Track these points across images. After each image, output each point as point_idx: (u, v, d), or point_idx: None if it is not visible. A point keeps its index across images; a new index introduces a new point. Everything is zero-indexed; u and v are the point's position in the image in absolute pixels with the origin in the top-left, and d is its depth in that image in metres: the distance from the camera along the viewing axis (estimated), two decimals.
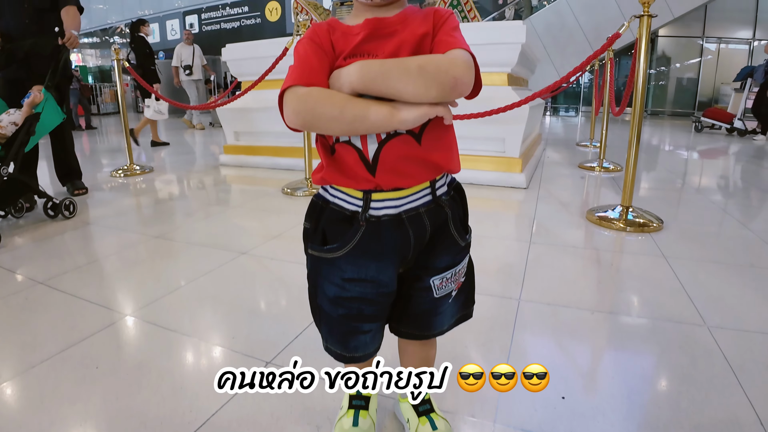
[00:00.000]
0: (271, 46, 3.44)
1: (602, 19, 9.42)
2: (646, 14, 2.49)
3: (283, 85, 0.66)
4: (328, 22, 0.72)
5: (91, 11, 19.53)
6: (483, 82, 1.95)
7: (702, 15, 11.49)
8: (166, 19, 17.36)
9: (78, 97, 10.82)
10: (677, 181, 3.59)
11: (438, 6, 2.90)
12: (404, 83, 0.59)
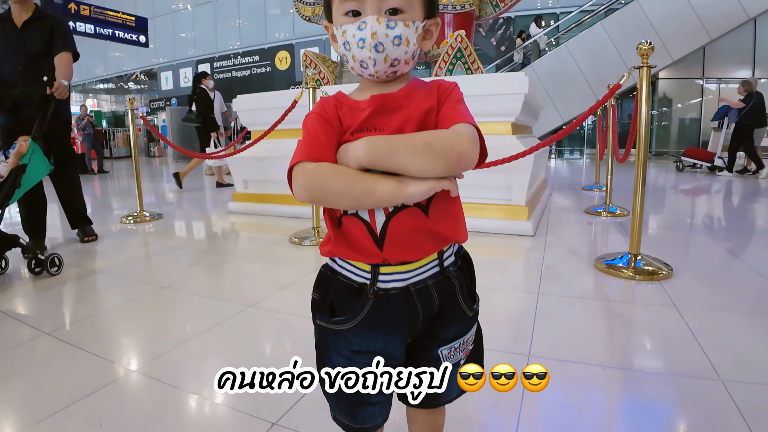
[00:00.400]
0: (281, 98, 3.55)
1: (602, 64, 9.66)
2: (645, 65, 2.56)
3: (292, 160, 0.68)
4: (335, 97, 0.75)
5: (108, 59, 20.34)
6: (488, 131, 2.02)
7: (701, 57, 11.76)
8: (179, 67, 18.02)
9: (92, 142, 11.10)
10: (683, 224, 3.58)
11: (443, 58, 2.99)
12: (410, 160, 0.61)
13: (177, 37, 18.33)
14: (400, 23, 0.67)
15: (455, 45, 3.15)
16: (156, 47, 17.69)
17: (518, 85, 2.86)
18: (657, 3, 9.56)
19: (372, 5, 0.67)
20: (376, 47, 0.67)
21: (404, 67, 0.71)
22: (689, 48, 9.70)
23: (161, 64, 18.62)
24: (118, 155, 20.13)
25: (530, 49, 10.75)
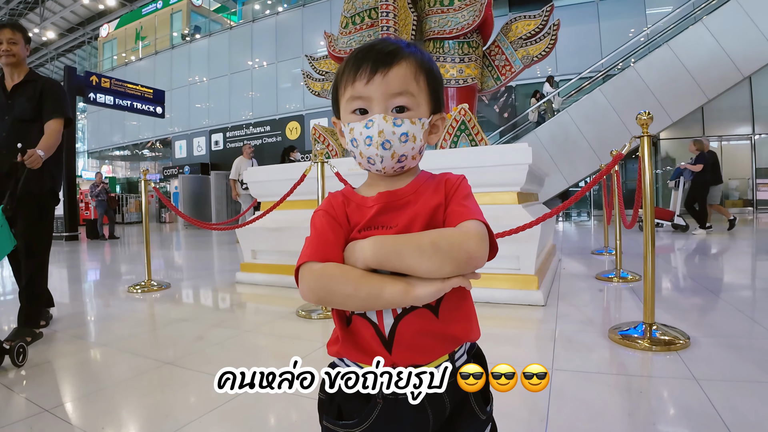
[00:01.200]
0: (290, 171, 3.65)
1: (603, 128, 9.90)
2: (646, 134, 2.61)
3: (299, 259, 0.68)
4: (343, 193, 0.76)
5: (125, 127, 21.20)
6: (493, 200, 2.03)
7: (700, 116, 12.02)
8: (193, 136, 18.71)
9: (105, 208, 11.32)
10: (695, 287, 3.51)
11: (447, 131, 3.07)
12: (418, 261, 0.61)
13: (192, 107, 19.18)
14: (407, 121, 0.69)
15: (459, 118, 3.26)
16: (172, 117, 18.46)
17: (522, 156, 2.92)
18: (652, 68, 9.93)
19: (379, 104, 0.69)
20: (383, 145, 0.69)
21: (411, 162, 0.73)
22: (687, 109, 9.96)
23: (176, 133, 19.35)
24: (130, 220, 20.49)
25: (545, 108, 11.04)
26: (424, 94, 0.72)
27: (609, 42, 12.28)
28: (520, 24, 3.91)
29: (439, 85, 0.76)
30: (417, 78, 0.71)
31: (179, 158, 19.09)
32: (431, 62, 0.75)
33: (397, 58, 0.70)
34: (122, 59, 22.70)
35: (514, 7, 13.60)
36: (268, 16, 17.88)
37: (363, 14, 3.88)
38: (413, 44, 0.75)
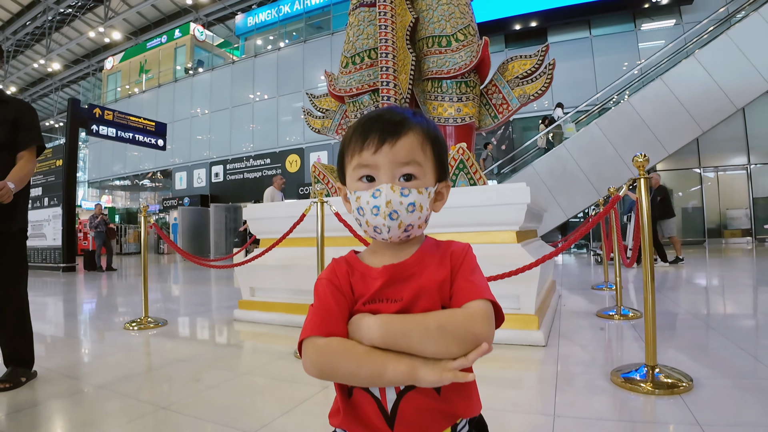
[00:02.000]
0: (290, 208, 3.67)
1: (600, 160, 10.00)
2: (643, 176, 2.64)
3: (302, 331, 0.68)
4: (347, 260, 0.76)
5: (127, 157, 21.38)
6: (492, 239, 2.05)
7: (695, 147, 12.16)
8: (193, 168, 18.87)
9: (103, 239, 11.30)
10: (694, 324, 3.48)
11: None
12: (425, 344, 0.62)
13: (193, 139, 19.41)
14: (414, 191, 0.70)
15: (457, 157, 3.29)
16: (173, 148, 18.65)
17: (520, 195, 2.94)
18: (647, 101, 10.11)
19: (386, 172, 0.70)
20: (391, 215, 0.69)
21: (417, 231, 0.73)
22: (682, 141, 10.10)
23: (176, 165, 19.52)
24: (128, 251, 20.44)
25: (554, 134, 11.15)
26: (430, 163, 0.73)
27: (603, 76, 12.54)
28: (516, 64, 4.00)
29: (444, 153, 0.77)
30: (424, 147, 0.72)
31: (179, 189, 19.20)
32: (436, 131, 0.77)
33: (405, 128, 0.71)
34: (126, 91, 23.08)
35: (510, 44, 13.96)
36: (270, 52, 18.31)
37: (363, 54, 3.98)
38: (419, 113, 0.77)
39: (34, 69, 30.08)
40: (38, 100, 35.93)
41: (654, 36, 12.98)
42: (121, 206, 25.01)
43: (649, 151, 8.97)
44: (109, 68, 24.81)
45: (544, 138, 11.26)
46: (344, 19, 16.05)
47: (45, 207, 12.00)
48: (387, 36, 3.64)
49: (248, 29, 20.61)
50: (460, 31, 3.80)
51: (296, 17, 18.91)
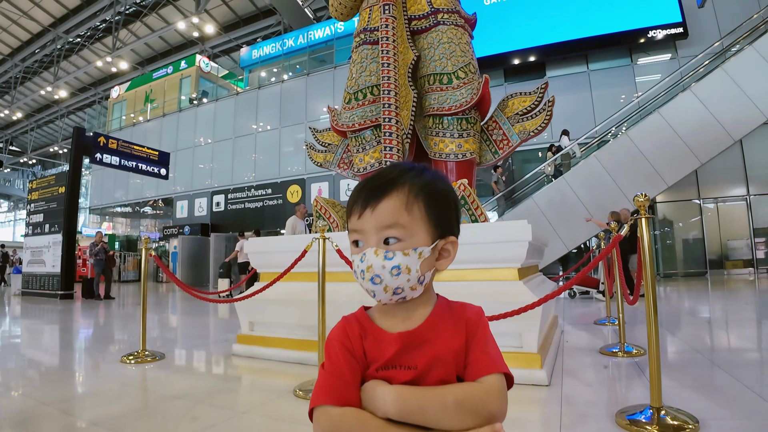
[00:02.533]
0: (291, 242, 3.67)
1: (600, 192, 10.04)
2: (644, 216, 2.65)
3: (314, 397, 0.67)
4: (358, 320, 0.74)
5: (129, 185, 21.47)
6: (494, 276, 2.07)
7: (694, 179, 12.22)
8: (195, 197, 18.95)
9: (102, 268, 11.26)
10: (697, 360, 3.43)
11: None
12: (441, 420, 0.62)
13: (196, 168, 19.57)
14: (399, 253, 0.69)
15: (459, 193, 3.31)
16: (175, 176, 18.76)
17: (522, 233, 2.94)
18: (645, 134, 10.22)
19: (371, 236, 0.70)
20: (373, 279, 0.69)
21: (412, 293, 0.71)
22: (681, 173, 10.17)
23: (178, 193, 19.61)
24: (127, 278, 20.34)
25: (561, 162, 11.23)
26: (420, 223, 0.71)
27: (601, 109, 12.71)
28: (516, 101, 4.06)
29: (444, 210, 0.75)
30: (410, 207, 0.71)
31: (180, 218, 19.24)
32: (434, 186, 0.74)
33: (387, 191, 0.71)
34: (130, 120, 23.38)
35: (510, 78, 14.20)
36: (274, 84, 18.65)
37: (365, 90, 4.05)
38: (416, 170, 0.76)
39: (41, 95, 30.56)
40: (44, 126, 36.40)
41: (650, 70, 13.22)
42: (121, 233, 24.99)
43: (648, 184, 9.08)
44: (115, 97, 25.21)
45: (552, 165, 11.33)
46: (346, 53, 16.42)
47: (46, 233, 12.01)
48: (389, 73, 3.71)
49: (253, 62, 21.03)
50: (460, 69, 3.88)
51: (300, 51, 19.31)
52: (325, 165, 4.59)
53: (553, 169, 11.24)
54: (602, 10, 12.62)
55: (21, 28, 24.70)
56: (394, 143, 3.65)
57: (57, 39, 24.85)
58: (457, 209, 0.78)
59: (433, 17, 4.01)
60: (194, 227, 17.80)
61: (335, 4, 4.42)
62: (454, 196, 0.78)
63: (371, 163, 4.02)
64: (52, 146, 36.87)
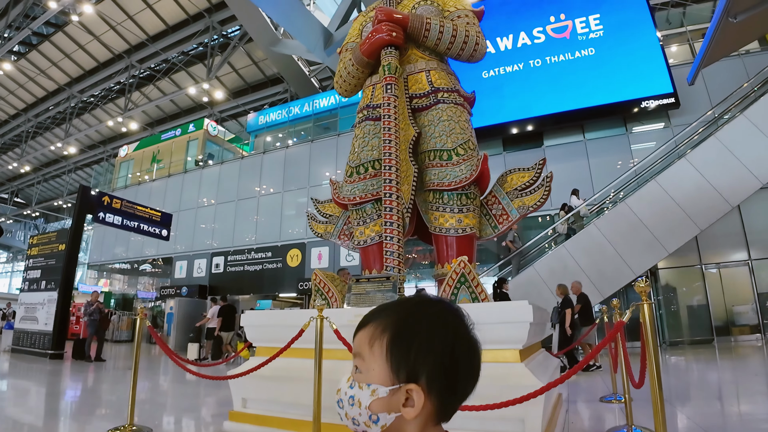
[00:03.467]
0: (288, 317, 3.62)
1: (601, 261, 10.02)
2: (646, 301, 2.62)
3: None
4: None
5: (130, 242, 21.46)
6: (494, 358, 2.05)
7: (695, 244, 12.18)
8: (195, 257, 18.91)
9: (96, 328, 11.05)
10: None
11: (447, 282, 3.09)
12: None
13: (197, 228, 19.67)
14: (356, 384, 0.70)
15: (459, 270, 3.31)
16: (176, 236, 18.80)
17: (523, 314, 2.90)
18: (643, 202, 10.33)
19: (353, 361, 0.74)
20: (338, 403, 0.71)
21: (369, 430, 0.68)
22: (681, 240, 10.19)
23: (178, 253, 19.57)
24: (120, 338, 19.89)
25: (574, 220, 11.24)
26: (378, 360, 0.70)
27: (599, 176, 12.94)
28: (515, 176, 4.14)
29: (407, 352, 0.69)
30: (371, 343, 0.71)
31: (178, 278, 19.08)
32: (401, 325, 0.71)
33: (367, 322, 0.75)
34: (136, 178, 23.79)
35: (508, 147, 14.57)
36: (278, 149, 19.16)
37: (367, 165, 4.14)
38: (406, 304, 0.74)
39: (50, 150, 31.32)
40: (50, 180, 37.01)
41: (645, 138, 13.58)
42: (118, 290, 24.73)
43: (649, 251, 9.07)
44: (122, 156, 25.79)
45: (564, 225, 11.38)
46: (350, 121, 16.98)
47: (41, 290, 11.89)
48: (391, 150, 3.81)
49: (259, 127, 21.71)
50: (460, 146, 3.98)
51: (305, 118, 19.98)
52: (325, 236, 4.61)
53: (566, 228, 11.28)
54: (596, 82, 13.14)
55: (37, 85, 25.74)
56: (394, 218, 3.68)
57: (71, 97, 25.81)
58: (432, 353, 0.69)
59: (433, 96, 4.17)
60: (192, 288, 17.60)
61: (340, 81, 4.61)
62: (429, 338, 0.70)
63: (371, 237, 4.04)
64: (57, 200, 37.32)
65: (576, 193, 11.52)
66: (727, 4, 5.39)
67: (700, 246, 12.36)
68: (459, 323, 0.72)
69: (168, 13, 20.64)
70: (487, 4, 8.38)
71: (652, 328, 2.53)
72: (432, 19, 4.15)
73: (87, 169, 34.98)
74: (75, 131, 28.34)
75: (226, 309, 11.35)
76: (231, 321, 11.27)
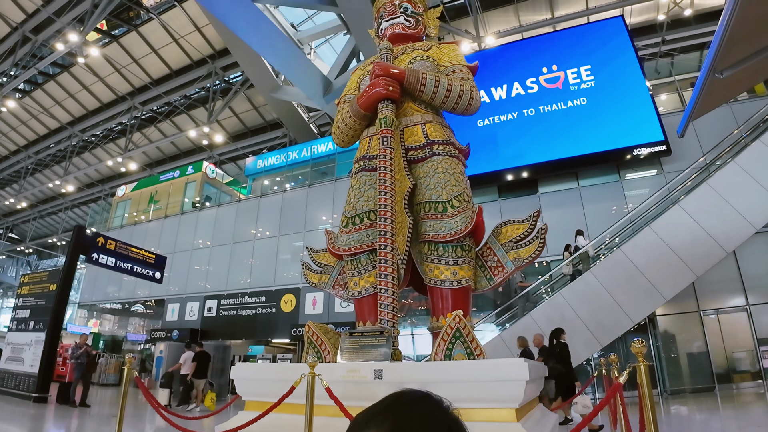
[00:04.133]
0: (279, 371, 3.54)
1: (598, 309, 9.92)
2: (643, 362, 2.59)
3: None
4: None
5: (123, 282, 21.19)
6: (489, 417, 1.99)
7: (692, 291, 12.10)
8: (187, 300, 18.64)
9: (82, 372, 10.77)
10: None
11: (442, 337, 3.04)
12: None
13: (192, 270, 19.48)
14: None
15: (453, 325, 3.27)
16: (170, 277, 18.58)
17: (518, 372, 2.85)
18: (638, 249, 10.33)
19: None
20: None
21: None
22: (678, 287, 10.15)
23: (170, 295, 19.30)
24: (107, 381, 19.32)
25: (579, 261, 11.17)
26: None
27: (594, 223, 13.00)
28: (510, 228, 4.16)
29: None
30: None
31: (170, 320, 18.71)
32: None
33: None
34: (133, 218, 23.75)
35: (503, 194, 14.70)
36: (276, 193, 19.30)
37: (362, 215, 4.16)
38: (390, 413, 0.75)
39: (48, 188, 31.39)
40: (46, 217, 36.92)
41: (638, 185, 13.75)
42: (107, 330, 24.18)
43: (646, 299, 8.97)
44: (120, 195, 25.85)
45: (570, 266, 11.33)
46: (347, 167, 17.20)
47: (29, 330, 11.66)
48: (386, 201, 3.84)
49: (257, 171, 21.93)
50: (455, 198, 4.02)
51: (303, 163, 20.24)
52: (320, 286, 4.58)
53: (572, 268, 11.23)
54: (589, 130, 13.43)
55: (40, 123, 26.07)
56: (389, 270, 3.67)
57: (72, 136, 26.10)
58: None
59: (428, 148, 4.24)
60: (183, 332, 17.23)
61: (337, 131, 4.70)
62: None
63: (366, 288, 4.01)
64: (51, 237, 37.12)
65: (581, 233, 11.54)
66: (713, 61, 5.56)
67: (697, 292, 12.30)
68: (450, 418, 0.75)
69: (173, 59, 21.20)
70: (482, 57, 8.67)
71: (649, 391, 2.48)
72: (428, 74, 4.27)
73: (84, 207, 35.00)
74: (74, 169, 28.52)
75: (200, 355, 11.15)
76: (204, 368, 11.07)
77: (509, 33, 17.75)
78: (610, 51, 14.03)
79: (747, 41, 5.09)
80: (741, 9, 4.18)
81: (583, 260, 11.09)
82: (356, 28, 15.31)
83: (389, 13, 4.91)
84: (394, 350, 3.46)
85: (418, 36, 4.96)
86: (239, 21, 13.69)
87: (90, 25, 16.96)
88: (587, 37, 14.62)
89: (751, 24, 4.66)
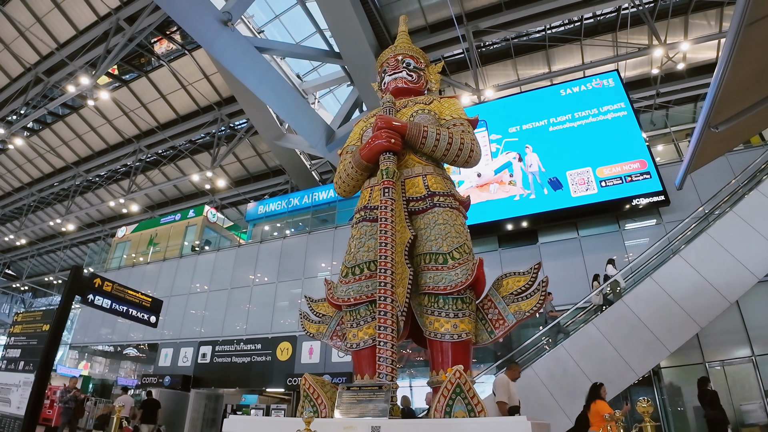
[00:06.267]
0: (273, 425, 3.44)
1: (601, 362, 9.70)
2: (649, 423, 2.52)
3: None
4: None
5: (116, 325, 20.82)
6: None
7: (696, 342, 11.86)
8: (181, 345, 18.22)
9: (69, 417, 10.45)
10: None
11: (442, 393, 2.97)
12: None
13: (187, 314, 19.18)
14: None
15: (454, 380, 3.20)
16: (165, 321, 18.27)
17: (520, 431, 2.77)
18: (641, 301, 10.20)
19: None
20: None
21: None
22: (683, 339, 9.96)
23: (164, 340, 18.89)
24: (93, 427, 18.63)
25: (610, 291, 10.95)
26: None
27: (594, 273, 12.91)
28: (510, 280, 4.14)
29: None
30: None
31: (162, 366, 18.18)
32: None
33: None
34: (131, 260, 23.62)
35: (503, 244, 14.67)
36: (276, 239, 19.28)
37: (363, 266, 4.16)
38: None
39: (49, 226, 31.42)
40: (44, 255, 36.75)
41: (638, 234, 13.77)
42: (98, 373, 23.54)
43: (650, 351, 8.75)
44: (119, 236, 25.82)
45: (599, 295, 11.11)
46: (348, 214, 17.26)
47: (19, 371, 11.33)
48: (387, 252, 3.84)
49: (258, 216, 21.98)
50: (455, 250, 4.03)
51: (304, 209, 20.33)
52: (318, 336, 4.51)
53: (602, 298, 11.02)
54: None
55: (45, 162, 26.39)
56: (388, 323, 3.62)
57: (77, 176, 26.37)
58: None
59: (429, 200, 4.29)
60: (175, 378, 16.75)
61: (339, 181, 4.76)
62: None
63: (365, 339, 3.95)
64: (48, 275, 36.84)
65: (612, 262, 11.42)
66: (708, 117, 5.68)
67: (701, 343, 12.08)
68: None
69: (180, 104, 21.75)
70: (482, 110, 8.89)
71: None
72: (429, 127, 4.38)
73: (83, 246, 34.93)
74: (76, 209, 28.67)
75: (148, 402, 11.30)
76: (153, 414, 10.94)
77: (508, 86, 18.33)
78: (606, 102, 14.44)
79: (740, 97, 5.22)
80: (733, 67, 4.32)
81: (612, 290, 10.93)
82: (359, 80, 15.82)
83: (392, 68, 5.09)
84: (393, 405, 3.37)
85: (420, 90, 5.11)
86: (247, 71, 14.15)
87: (102, 69, 17.50)
88: (584, 89, 15.09)
89: (744, 80, 4.80)
